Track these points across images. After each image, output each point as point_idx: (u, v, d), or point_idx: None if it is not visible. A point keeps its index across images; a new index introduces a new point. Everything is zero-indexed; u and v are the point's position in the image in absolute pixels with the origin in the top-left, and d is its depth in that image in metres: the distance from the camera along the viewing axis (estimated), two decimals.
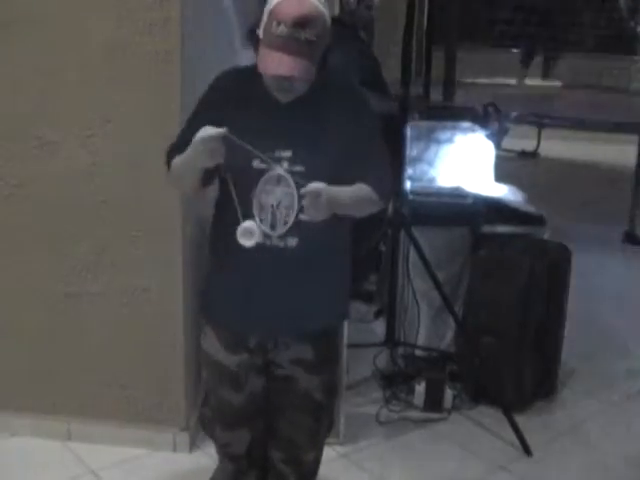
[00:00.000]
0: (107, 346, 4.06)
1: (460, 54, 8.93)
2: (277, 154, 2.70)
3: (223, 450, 3.16)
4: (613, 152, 10.43)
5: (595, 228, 7.93)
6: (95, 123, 3.81)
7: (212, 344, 2.96)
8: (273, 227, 2.72)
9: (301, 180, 2.64)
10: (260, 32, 2.61)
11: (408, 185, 4.87)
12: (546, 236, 4.95)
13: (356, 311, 4.44)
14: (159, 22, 3.66)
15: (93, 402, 4.14)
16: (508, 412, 4.33)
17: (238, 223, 2.68)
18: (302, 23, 2.52)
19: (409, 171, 4.96)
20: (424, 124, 5.31)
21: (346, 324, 3.97)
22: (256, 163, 2.70)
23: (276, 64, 2.56)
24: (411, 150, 5.01)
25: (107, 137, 3.81)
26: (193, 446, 4.14)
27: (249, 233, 2.64)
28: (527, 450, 4.25)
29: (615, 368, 5.23)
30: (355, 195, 2.76)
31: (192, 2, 3.73)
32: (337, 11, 6.18)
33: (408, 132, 4.68)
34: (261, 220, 2.72)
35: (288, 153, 2.70)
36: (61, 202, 3.92)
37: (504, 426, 4.32)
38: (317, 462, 3.19)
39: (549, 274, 4.62)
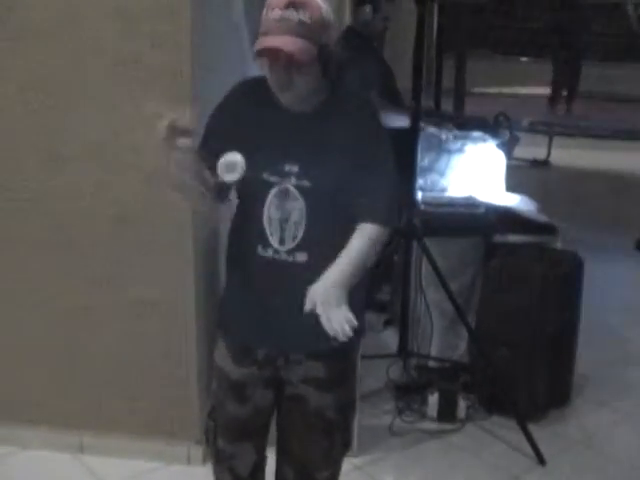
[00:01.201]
0: (120, 358, 4.06)
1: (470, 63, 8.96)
2: (287, 168, 2.68)
3: (227, 464, 3.11)
4: (625, 160, 10.43)
5: (607, 236, 7.93)
6: (106, 137, 3.81)
7: (222, 355, 2.96)
8: (282, 242, 2.71)
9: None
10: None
11: (420, 195, 4.86)
12: (558, 245, 4.95)
13: (366, 320, 4.43)
14: (170, 35, 3.67)
15: (106, 415, 4.14)
16: (522, 422, 4.32)
17: (250, 238, 2.71)
18: (294, 4, 2.52)
19: (420, 181, 4.96)
20: (435, 134, 5.30)
21: None
22: (266, 175, 2.69)
23: (264, 42, 2.54)
24: (422, 160, 5.01)
25: (119, 150, 3.82)
26: (207, 459, 4.11)
27: (232, 166, 2.56)
28: (541, 460, 4.23)
29: (629, 377, 5.22)
30: (358, 256, 2.67)
31: (202, 15, 3.73)
32: (347, 19, 6.18)
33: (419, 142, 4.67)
34: (271, 234, 2.71)
35: (296, 168, 2.68)
36: (73, 215, 3.93)
37: (518, 436, 4.31)
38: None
39: (562, 283, 4.61)
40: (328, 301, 2.50)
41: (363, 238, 2.69)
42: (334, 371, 2.90)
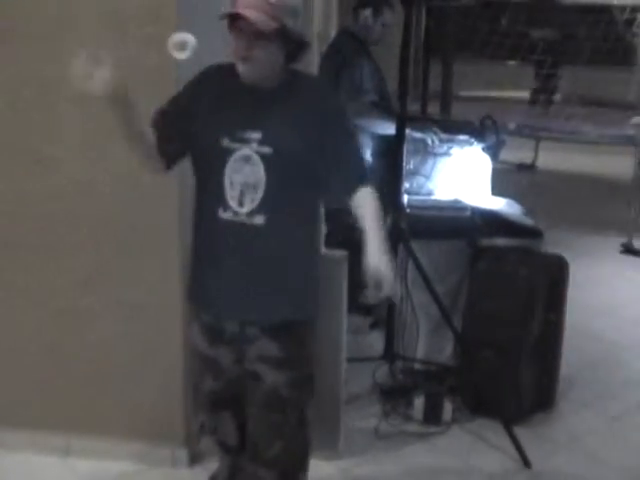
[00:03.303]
0: (105, 361, 4.06)
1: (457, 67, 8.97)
2: (247, 135, 2.84)
3: (214, 438, 3.25)
4: (611, 164, 10.46)
5: (593, 240, 7.96)
6: (94, 138, 3.82)
7: (195, 335, 3.12)
8: (241, 204, 2.86)
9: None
10: None
11: (406, 199, 4.87)
12: (544, 248, 4.95)
13: (352, 323, 4.45)
14: (156, 37, 3.66)
15: (92, 417, 4.14)
16: (507, 425, 4.33)
17: (211, 202, 2.90)
18: None
19: (407, 184, 4.96)
20: (421, 137, 5.31)
21: (344, 337, 3.97)
22: (225, 142, 2.86)
23: (232, 9, 2.78)
24: (408, 163, 5.02)
25: (105, 152, 3.82)
26: (192, 462, 4.13)
27: (182, 44, 2.70)
28: (526, 462, 4.24)
29: (614, 380, 5.24)
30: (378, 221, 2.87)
31: (189, 17, 3.73)
32: (335, 21, 6.18)
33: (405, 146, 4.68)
34: (231, 197, 2.86)
35: (258, 134, 2.84)
36: (60, 217, 3.93)
37: (503, 439, 4.32)
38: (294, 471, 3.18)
39: (547, 287, 4.62)
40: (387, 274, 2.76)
41: (371, 206, 2.89)
42: (287, 349, 3.00)
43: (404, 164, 4.70)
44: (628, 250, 7.79)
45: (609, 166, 10.71)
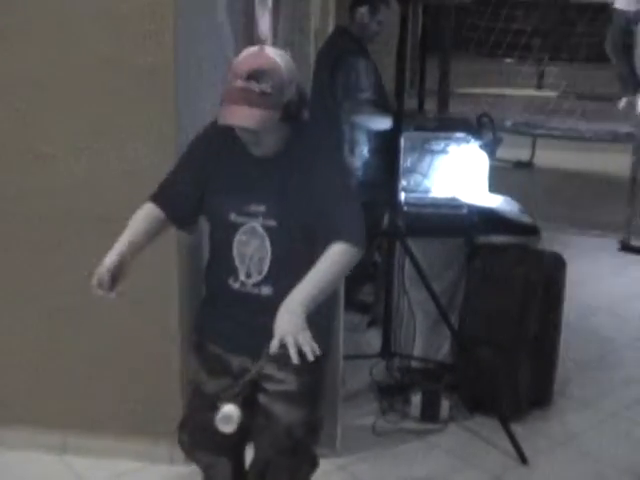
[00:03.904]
0: (103, 359, 4.06)
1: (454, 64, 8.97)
2: (253, 208, 2.84)
3: (206, 473, 3.25)
4: (608, 161, 10.44)
5: (590, 238, 7.95)
6: (90, 136, 3.82)
7: (196, 371, 3.13)
8: (248, 275, 2.89)
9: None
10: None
11: (403, 196, 4.87)
12: (541, 246, 4.95)
13: (349, 321, 4.45)
14: (153, 35, 3.67)
15: (89, 415, 4.14)
16: (504, 422, 4.33)
17: (222, 271, 2.95)
18: (256, 75, 2.64)
19: (404, 182, 4.96)
20: (418, 135, 5.32)
21: (341, 335, 3.97)
22: (233, 216, 2.87)
23: (229, 115, 2.68)
24: (405, 161, 5.02)
25: (102, 150, 3.82)
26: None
27: (228, 418, 2.67)
28: (523, 459, 4.25)
29: (611, 377, 5.24)
30: (322, 278, 2.75)
31: (186, 15, 3.73)
32: (332, 22, 6.19)
33: (402, 143, 4.68)
34: (239, 268, 2.89)
35: (262, 208, 2.84)
36: (56, 215, 3.93)
37: (500, 436, 4.32)
38: None
39: (544, 284, 4.62)
40: (294, 331, 2.58)
41: (330, 259, 2.76)
42: (305, 385, 2.97)
43: (401, 161, 4.70)
44: (626, 247, 7.78)
45: (606, 163, 10.69)
